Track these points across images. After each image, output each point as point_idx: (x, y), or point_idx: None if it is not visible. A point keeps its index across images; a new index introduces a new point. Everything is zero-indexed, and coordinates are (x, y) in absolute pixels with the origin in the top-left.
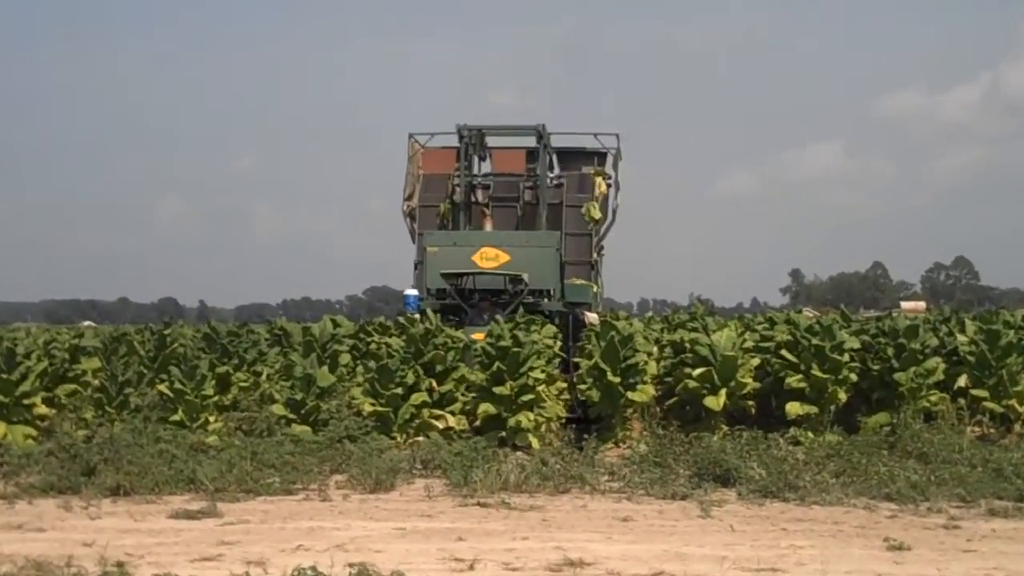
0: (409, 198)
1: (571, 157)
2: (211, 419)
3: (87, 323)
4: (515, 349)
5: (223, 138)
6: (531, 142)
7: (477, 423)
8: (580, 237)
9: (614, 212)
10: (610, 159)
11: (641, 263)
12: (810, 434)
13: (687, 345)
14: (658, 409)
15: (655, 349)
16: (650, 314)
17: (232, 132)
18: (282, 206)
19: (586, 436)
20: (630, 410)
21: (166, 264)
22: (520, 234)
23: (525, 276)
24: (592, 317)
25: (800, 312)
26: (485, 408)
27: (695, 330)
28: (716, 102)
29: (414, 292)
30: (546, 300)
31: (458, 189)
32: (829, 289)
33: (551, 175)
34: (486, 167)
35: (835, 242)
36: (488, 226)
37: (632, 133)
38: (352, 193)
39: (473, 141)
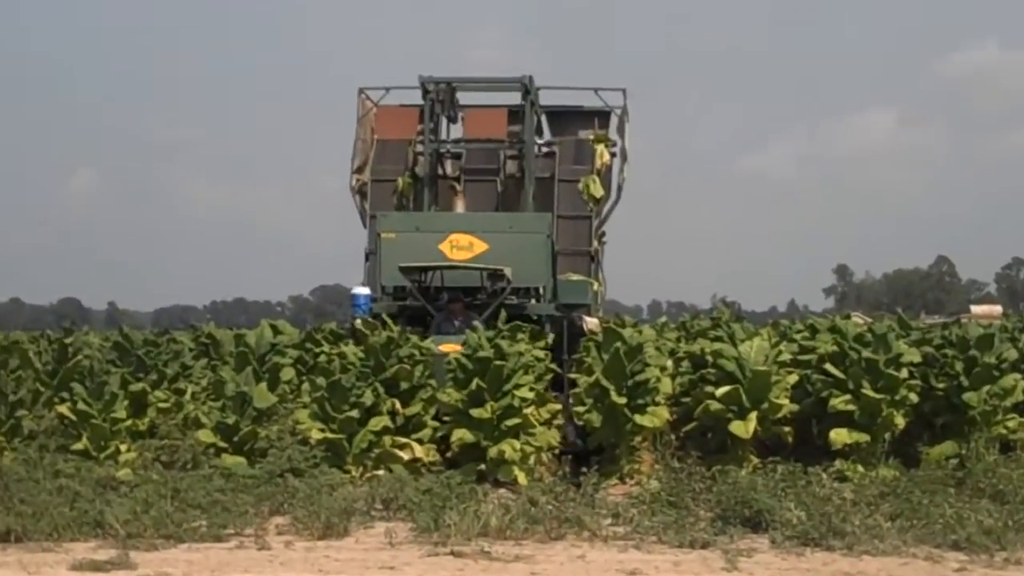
0: (359, 170)
1: (566, 119)
2: (123, 448)
3: None
4: (497, 362)
5: (144, 102)
6: (515, 99)
7: (451, 453)
8: (577, 220)
9: (619, 189)
10: (615, 121)
11: (652, 256)
12: (860, 468)
13: (709, 358)
14: (673, 437)
15: (670, 363)
16: (663, 320)
17: (158, 94)
18: (214, 184)
19: (585, 470)
20: (639, 438)
21: (68, 256)
22: (501, 216)
23: (507, 271)
24: (592, 323)
25: (848, 318)
26: (461, 435)
27: (719, 339)
28: (746, 58)
29: (364, 291)
30: (534, 301)
31: (421, 159)
32: (883, 290)
33: (540, 141)
34: (457, 131)
35: (891, 232)
36: (460, 206)
37: (642, 90)
38: (301, 169)
39: (441, 98)
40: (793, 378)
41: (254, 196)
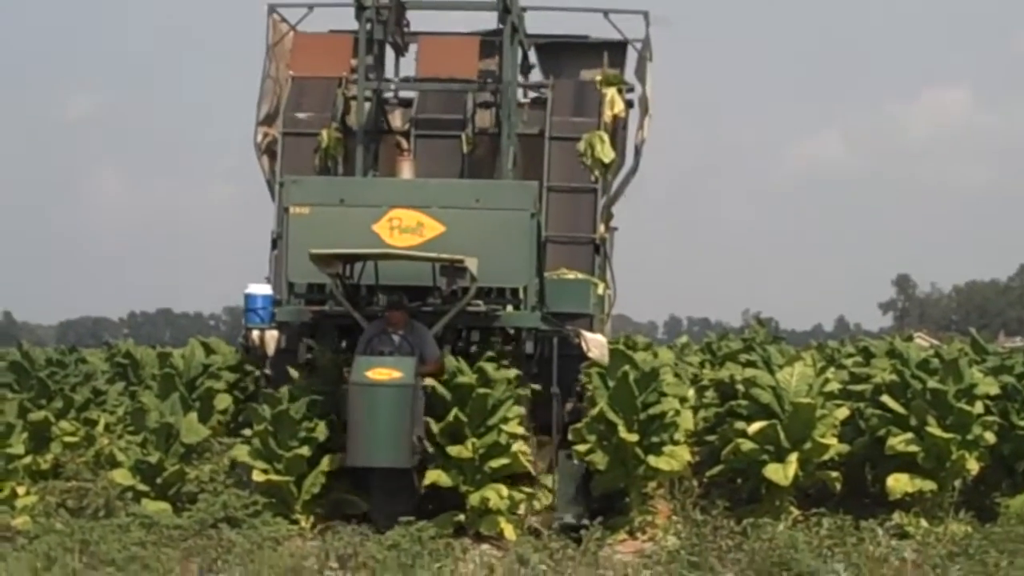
0: (267, 120)
1: (563, 54)
2: (21, 491)
3: None
4: (481, 390)
5: (51, 71)
6: (490, 23)
7: (422, 501)
8: (576, 195)
9: (638, 153)
10: (632, 58)
11: (670, 260)
12: (924, 522)
13: (740, 387)
14: (695, 483)
15: (691, 393)
16: (684, 340)
17: (65, 62)
18: (133, 171)
19: (587, 522)
20: (653, 484)
21: None
22: (464, 185)
23: (470, 263)
24: (594, 341)
25: (910, 340)
26: (435, 478)
27: (752, 365)
28: (792, 25)
29: (264, 290)
30: (510, 308)
31: (355, 105)
32: (953, 306)
33: (526, 83)
34: (409, 68)
35: (963, 237)
36: (407, 171)
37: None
38: (238, 153)
39: (383, 18)
40: (843, 412)
41: (181, 183)
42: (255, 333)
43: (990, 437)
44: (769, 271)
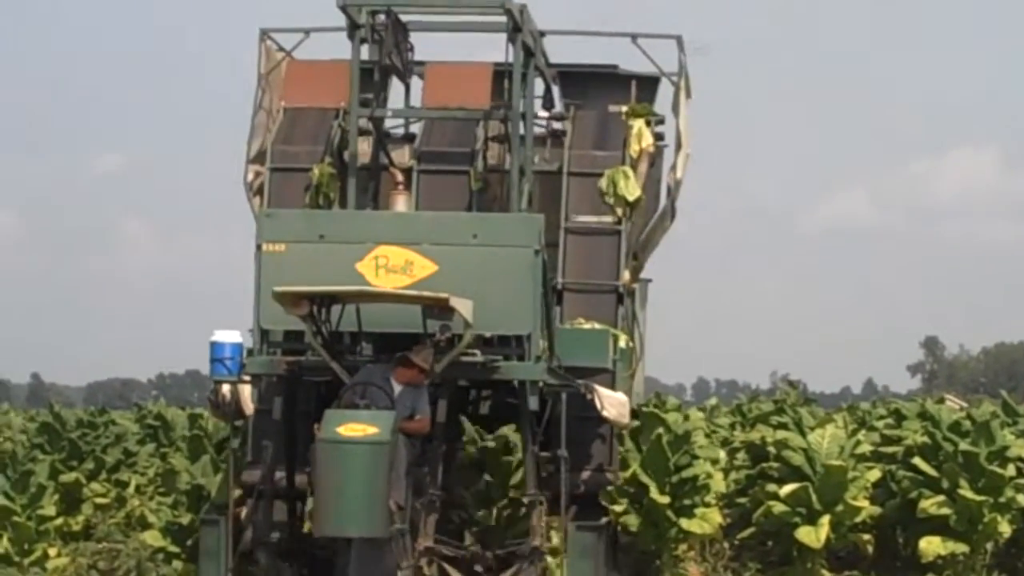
0: (259, 158)
1: (589, 85)
2: (52, 552)
3: None
4: (505, 458)
5: (77, 130)
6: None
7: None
8: (595, 237)
9: (672, 194)
10: (667, 90)
11: (697, 324)
12: None
13: (771, 449)
14: (726, 545)
15: (723, 455)
16: (714, 402)
17: (92, 120)
18: (162, 228)
19: None
20: (684, 546)
21: None
22: (460, 219)
23: (462, 305)
24: (612, 399)
25: (942, 402)
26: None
27: (783, 427)
28: (820, 82)
29: (233, 338)
30: (513, 360)
31: (352, 140)
32: (981, 368)
33: (543, 114)
34: (412, 97)
35: (991, 297)
36: (402, 207)
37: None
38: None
39: (378, 36)
40: (874, 475)
41: (207, 242)
42: (225, 387)
43: (1022, 499)
44: (796, 332)
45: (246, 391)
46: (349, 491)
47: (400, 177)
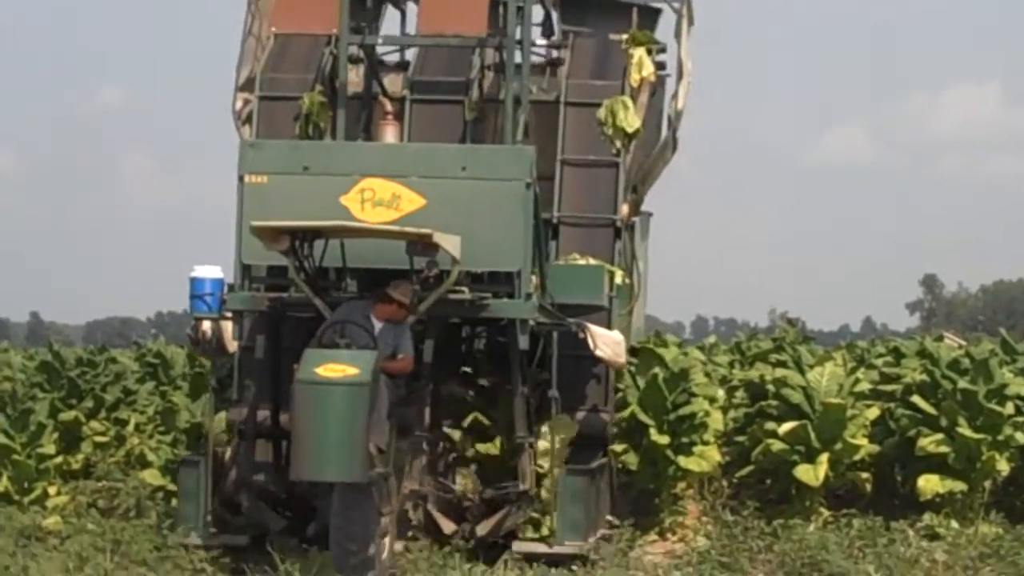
0: (247, 86)
1: (589, 13)
2: (52, 491)
3: None
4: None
5: (77, 61)
6: None
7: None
8: (593, 169)
9: (673, 124)
10: (669, 19)
11: (696, 261)
12: (954, 523)
13: (770, 387)
14: (725, 483)
15: (721, 393)
16: (712, 340)
17: (92, 51)
18: (164, 161)
19: (616, 522)
20: (683, 484)
21: None
22: (448, 151)
23: (448, 241)
24: (606, 338)
25: (940, 340)
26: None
27: (782, 365)
28: (819, 17)
29: (212, 273)
30: (503, 298)
31: (342, 68)
32: (980, 306)
33: (542, 42)
34: (409, 24)
35: (990, 235)
36: (391, 138)
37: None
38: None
39: None
40: (873, 413)
41: (207, 177)
42: (206, 324)
43: (1021, 438)
44: (795, 269)
45: (228, 328)
46: (327, 434)
47: (389, 107)
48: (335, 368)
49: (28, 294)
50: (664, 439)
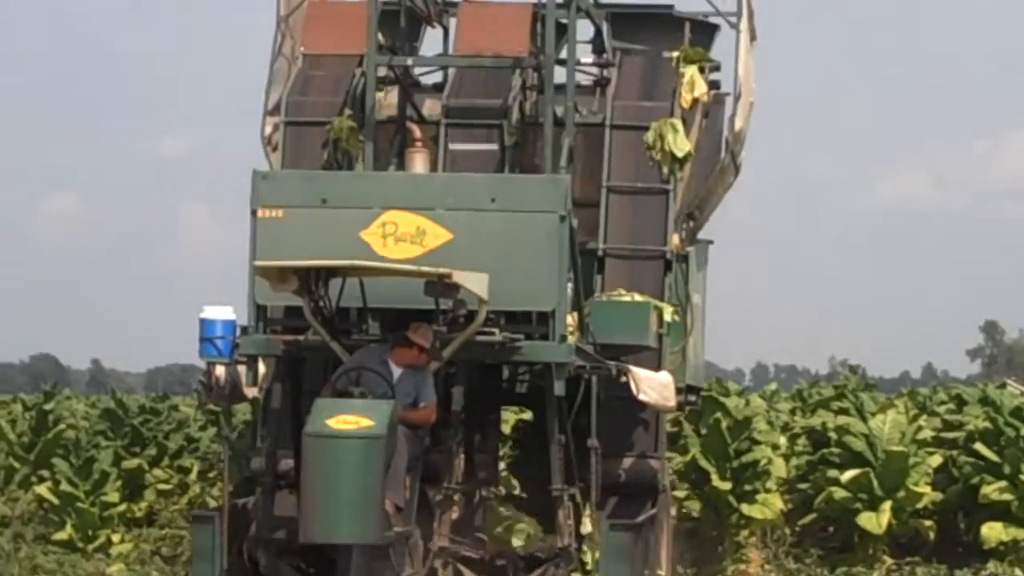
0: (275, 111)
1: (641, 29)
2: (115, 538)
3: None
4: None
5: (140, 110)
6: None
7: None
8: (640, 197)
9: (732, 148)
10: (726, 35)
11: (751, 305)
12: (1019, 571)
13: (832, 435)
14: (788, 531)
15: (783, 440)
16: (774, 386)
17: (155, 102)
18: (223, 209)
19: (681, 570)
20: (746, 532)
21: (41, 302)
22: (476, 181)
23: (465, 279)
24: (651, 381)
25: (1003, 387)
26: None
27: (844, 412)
28: (884, 58)
29: (224, 313)
30: (536, 339)
31: (369, 90)
32: None
33: (586, 61)
34: (434, 41)
35: None
36: (420, 166)
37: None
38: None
39: None
40: (936, 460)
41: None
42: (219, 369)
43: None
44: (855, 315)
45: (241, 372)
46: (339, 492)
47: (418, 133)
48: (348, 420)
49: (89, 340)
50: (726, 486)
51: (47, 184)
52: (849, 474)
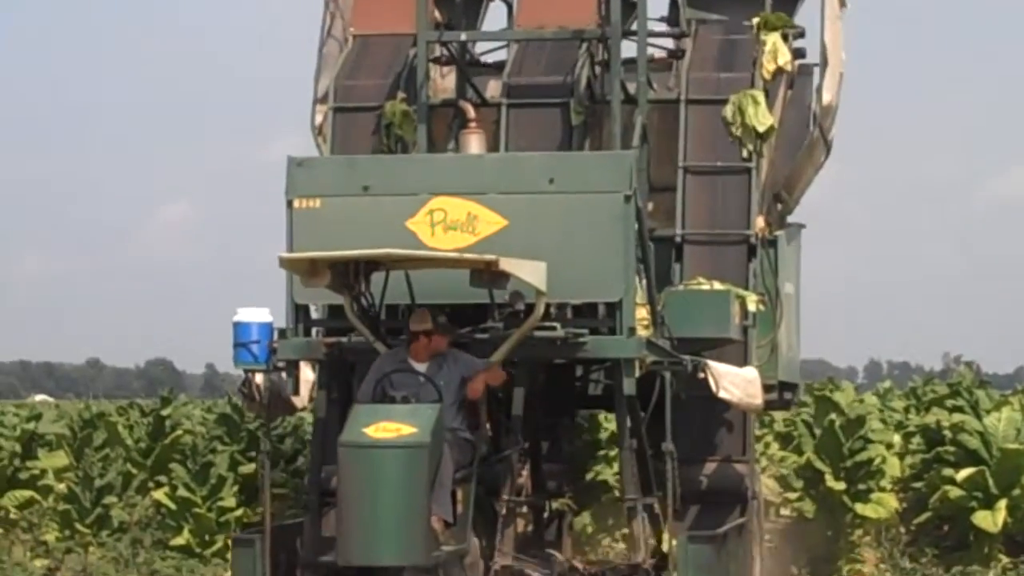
0: (325, 98)
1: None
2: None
3: (40, 396)
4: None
5: (250, 124)
6: None
7: None
8: (720, 178)
9: (819, 123)
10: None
11: (865, 301)
12: None
13: (947, 433)
14: (903, 530)
15: (897, 439)
16: (887, 384)
17: (262, 110)
18: None
19: (795, 570)
20: (860, 531)
21: (156, 307)
22: (533, 160)
23: (526, 270)
24: (734, 377)
25: None
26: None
27: (958, 410)
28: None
29: (260, 317)
30: (603, 333)
31: (420, 69)
32: None
33: (657, 31)
34: (499, 18)
35: None
36: (474, 146)
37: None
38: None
39: None
40: None
41: None
42: (259, 377)
43: None
44: (968, 311)
45: (282, 379)
46: (381, 508)
47: (472, 113)
48: (388, 427)
49: (203, 344)
50: (840, 485)
51: (162, 192)
52: (964, 473)
